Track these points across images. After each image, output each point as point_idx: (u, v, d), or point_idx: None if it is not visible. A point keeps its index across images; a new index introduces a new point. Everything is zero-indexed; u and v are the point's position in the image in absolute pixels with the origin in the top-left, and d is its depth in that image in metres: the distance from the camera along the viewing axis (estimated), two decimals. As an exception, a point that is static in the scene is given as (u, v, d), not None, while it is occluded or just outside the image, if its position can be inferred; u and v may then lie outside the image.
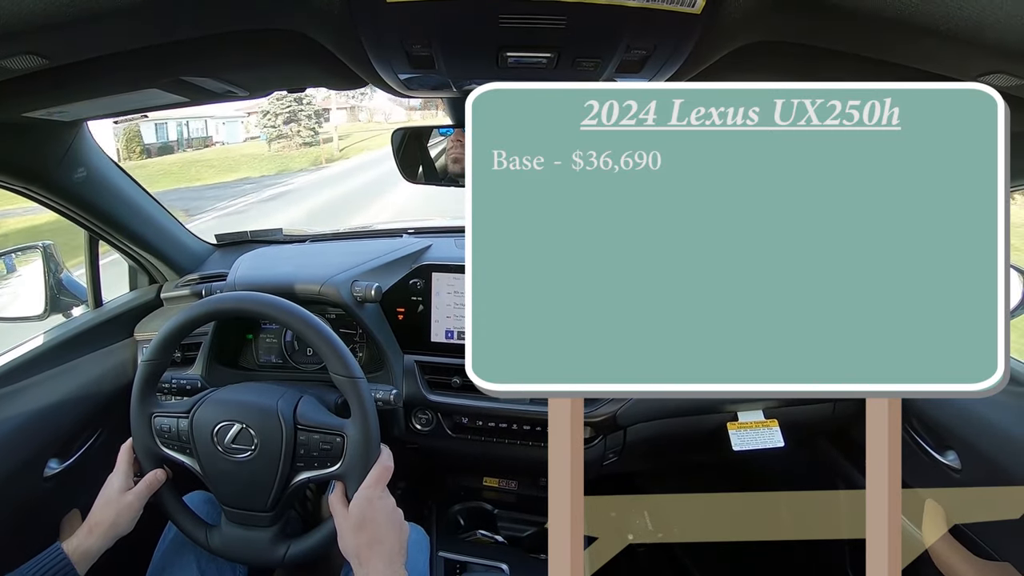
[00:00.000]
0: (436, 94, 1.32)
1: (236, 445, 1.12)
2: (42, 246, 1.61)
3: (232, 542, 1.16)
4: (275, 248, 1.89)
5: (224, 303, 1.19)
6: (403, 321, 1.64)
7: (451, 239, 1.81)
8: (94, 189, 1.48)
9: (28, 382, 1.39)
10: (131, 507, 1.12)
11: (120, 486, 1.14)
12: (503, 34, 0.90)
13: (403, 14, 0.82)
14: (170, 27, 0.84)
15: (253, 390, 1.20)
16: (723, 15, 0.80)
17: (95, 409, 1.52)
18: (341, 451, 1.12)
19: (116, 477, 1.15)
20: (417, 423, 1.63)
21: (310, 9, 0.81)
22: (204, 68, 1.06)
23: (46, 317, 1.59)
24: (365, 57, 0.97)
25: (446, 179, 1.62)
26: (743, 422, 1.57)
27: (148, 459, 1.18)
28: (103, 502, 1.13)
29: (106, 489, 1.14)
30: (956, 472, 1.32)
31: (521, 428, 1.58)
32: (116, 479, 1.15)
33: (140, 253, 1.75)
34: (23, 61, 0.82)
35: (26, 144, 1.25)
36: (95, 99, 1.12)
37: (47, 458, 1.38)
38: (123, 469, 1.16)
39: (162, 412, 1.17)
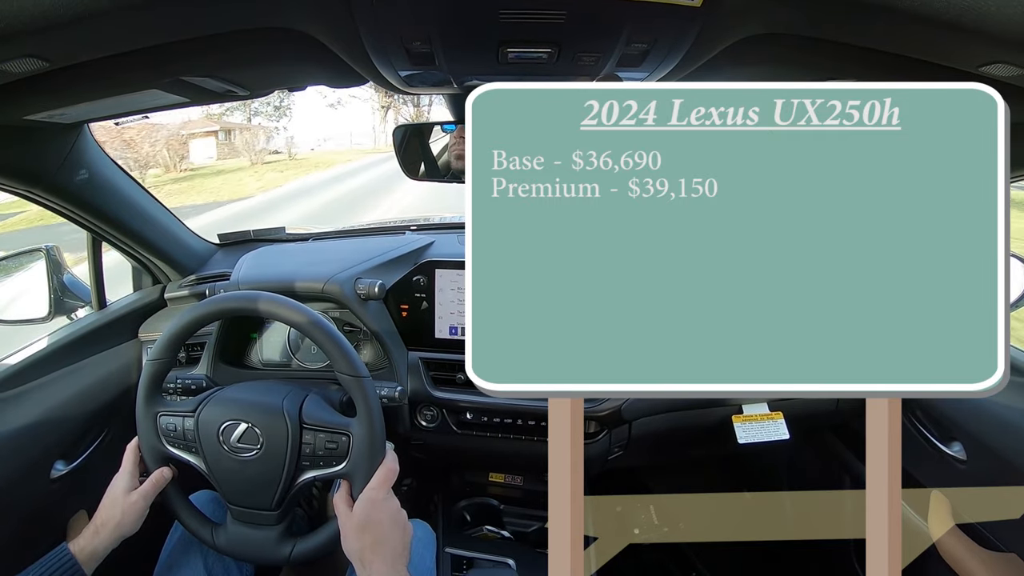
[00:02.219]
0: (437, 90, 1.32)
1: (242, 444, 1.12)
2: (45, 248, 1.61)
3: (238, 541, 1.16)
4: (278, 247, 1.89)
5: (229, 302, 1.19)
6: (407, 318, 1.65)
7: (453, 235, 1.81)
8: (96, 190, 1.48)
9: (34, 384, 1.39)
10: (136, 506, 1.12)
11: (125, 486, 1.14)
12: (503, 29, 0.90)
13: (403, 10, 0.82)
14: (170, 27, 0.84)
15: (258, 389, 1.20)
16: (723, 8, 0.80)
17: (101, 410, 1.53)
18: (347, 450, 1.12)
19: (121, 477, 1.15)
20: (422, 420, 1.63)
21: (310, 7, 0.81)
22: (204, 68, 1.06)
23: (50, 319, 1.59)
24: (365, 54, 0.97)
25: (448, 175, 1.62)
26: (748, 415, 1.56)
27: (154, 458, 1.18)
28: (108, 502, 1.13)
29: (111, 489, 1.14)
30: (962, 463, 1.32)
31: (526, 423, 1.58)
32: (121, 479, 1.15)
33: (143, 254, 1.75)
34: (24, 64, 0.82)
35: (27, 147, 1.25)
36: (96, 101, 1.13)
37: (53, 460, 1.39)
38: (128, 469, 1.16)
39: (168, 411, 1.18)
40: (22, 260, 1.67)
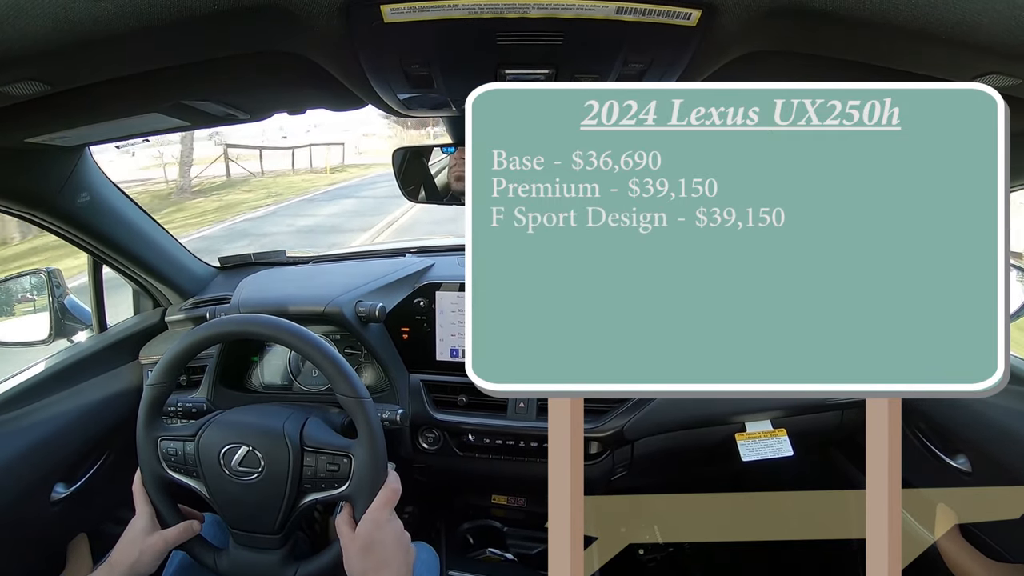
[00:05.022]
0: (435, 113, 1.32)
1: (243, 468, 1.11)
2: (46, 271, 1.62)
3: (240, 565, 1.15)
4: (278, 270, 1.90)
5: (229, 326, 1.19)
6: (408, 340, 1.64)
7: (454, 257, 1.81)
8: (97, 213, 1.49)
9: (34, 406, 1.39)
10: (155, 548, 1.11)
11: (145, 527, 1.13)
12: (501, 52, 0.90)
13: (402, 35, 0.82)
14: (171, 52, 0.85)
15: (259, 412, 1.20)
16: (719, 27, 0.81)
17: (101, 433, 1.52)
18: (348, 472, 1.11)
19: (140, 518, 1.14)
20: (424, 442, 1.63)
21: (310, 32, 0.81)
22: (205, 92, 1.07)
23: (51, 342, 1.59)
24: (364, 78, 0.98)
25: (448, 197, 1.63)
26: (751, 432, 1.56)
27: (155, 483, 1.17)
28: (126, 541, 1.12)
29: (130, 529, 1.13)
30: (967, 475, 1.31)
31: (528, 445, 1.57)
32: (140, 520, 1.14)
33: (144, 277, 1.75)
34: (25, 87, 0.82)
35: (29, 169, 1.26)
36: (97, 124, 1.13)
37: (54, 482, 1.38)
38: (144, 511, 1.15)
39: (168, 436, 1.17)
40: (22, 282, 1.67)
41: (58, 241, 1.52)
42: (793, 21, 0.78)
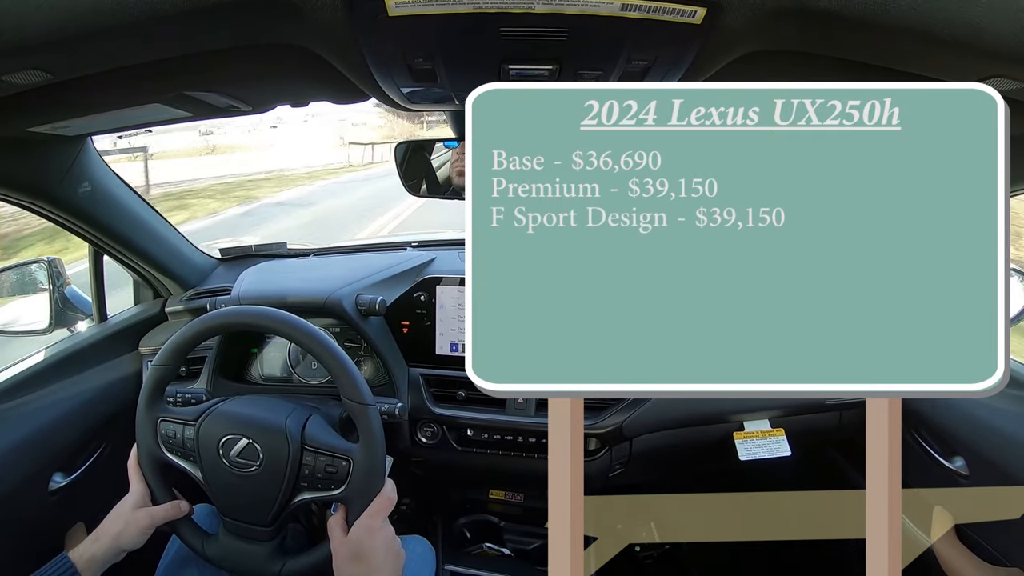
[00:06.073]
0: (438, 107, 1.32)
1: (241, 459, 1.12)
2: (47, 260, 1.62)
3: (228, 553, 1.15)
4: (279, 262, 1.89)
5: (240, 316, 1.19)
6: (408, 334, 1.65)
7: (454, 252, 1.81)
8: (99, 203, 1.49)
9: (33, 396, 1.39)
10: (139, 522, 1.11)
11: (134, 502, 1.14)
12: (505, 47, 0.90)
13: (405, 28, 0.82)
14: (173, 43, 0.84)
15: (262, 405, 1.20)
16: (723, 25, 0.80)
17: (100, 423, 1.52)
18: (346, 475, 1.11)
19: (131, 495, 1.15)
20: (422, 436, 1.63)
21: (313, 24, 0.81)
22: (207, 83, 1.07)
23: (51, 331, 1.59)
24: (368, 71, 0.97)
25: (449, 192, 1.62)
26: (749, 431, 1.56)
27: (150, 463, 1.17)
28: (114, 513, 1.13)
29: (120, 504, 1.14)
30: (964, 478, 1.31)
31: (527, 440, 1.57)
32: (130, 496, 1.15)
33: (145, 267, 1.75)
34: (27, 76, 0.82)
35: (30, 159, 1.26)
36: (99, 114, 1.13)
37: (52, 472, 1.38)
38: (137, 488, 1.16)
39: (169, 418, 1.17)
40: (24, 271, 1.67)
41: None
42: (799, 21, 0.78)
